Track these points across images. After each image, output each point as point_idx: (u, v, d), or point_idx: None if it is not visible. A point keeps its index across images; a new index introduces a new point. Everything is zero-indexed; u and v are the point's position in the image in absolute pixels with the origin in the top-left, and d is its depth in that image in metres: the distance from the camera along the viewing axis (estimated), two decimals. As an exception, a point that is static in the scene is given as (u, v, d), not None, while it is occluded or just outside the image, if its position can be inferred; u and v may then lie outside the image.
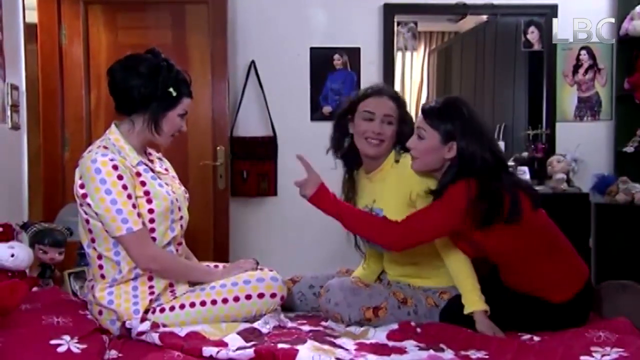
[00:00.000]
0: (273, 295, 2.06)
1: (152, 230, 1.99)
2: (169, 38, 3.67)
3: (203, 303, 2.01)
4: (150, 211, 1.98)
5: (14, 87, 2.98)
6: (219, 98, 3.67)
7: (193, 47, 3.68)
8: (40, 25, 3.55)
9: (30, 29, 3.36)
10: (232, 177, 3.77)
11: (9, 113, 2.92)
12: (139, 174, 1.99)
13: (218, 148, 3.66)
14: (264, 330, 1.95)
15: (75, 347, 1.67)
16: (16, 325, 1.74)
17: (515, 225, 1.96)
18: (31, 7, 3.44)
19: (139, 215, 1.94)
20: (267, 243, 3.86)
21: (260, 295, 2.04)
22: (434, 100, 2.12)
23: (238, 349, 1.75)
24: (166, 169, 2.20)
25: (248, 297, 2.03)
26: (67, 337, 1.70)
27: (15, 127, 3.03)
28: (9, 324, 1.74)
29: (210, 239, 3.65)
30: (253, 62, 3.86)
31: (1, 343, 1.62)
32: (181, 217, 2.11)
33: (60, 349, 1.65)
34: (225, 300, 2.01)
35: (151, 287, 2.01)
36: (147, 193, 1.98)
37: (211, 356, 1.72)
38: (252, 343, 1.81)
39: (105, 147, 1.99)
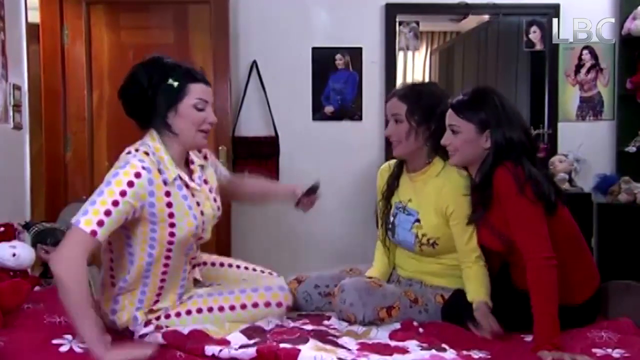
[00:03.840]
0: (279, 305, 2.04)
1: (168, 257, 1.88)
2: (171, 38, 3.67)
3: (210, 309, 1.98)
4: (171, 234, 1.84)
5: (17, 87, 2.98)
6: (221, 98, 3.67)
7: (195, 47, 3.68)
8: (42, 26, 3.56)
9: (32, 29, 3.36)
10: (234, 177, 3.77)
11: (11, 113, 2.93)
12: (168, 194, 1.82)
13: (220, 148, 3.66)
14: (267, 327, 1.95)
15: (78, 347, 1.67)
16: (19, 325, 1.74)
17: (549, 216, 1.94)
18: (33, 7, 3.44)
19: (101, 223, 1.68)
20: (269, 243, 3.86)
21: (267, 304, 2.02)
22: (461, 93, 2.09)
23: (240, 347, 1.74)
24: (206, 180, 2.04)
25: (255, 305, 2.01)
26: (69, 337, 1.70)
27: (18, 127, 3.03)
28: (12, 323, 1.74)
29: (212, 238, 3.62)
30: (255, 62, 3.86)
31: (4, 342, 1.62)
32: (200, 238, 2.00)
33: (63, 349, 1.65)
34: (232, 307, 1.99)
35: (159, 294, 1.94)
36: (171, 216, 1.83)
37: (213, 355, 1.71)
38: (255, 340, 1.81)
39: (146, 154, 1.83)
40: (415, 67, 5.15)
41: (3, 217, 2.36)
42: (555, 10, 3.96)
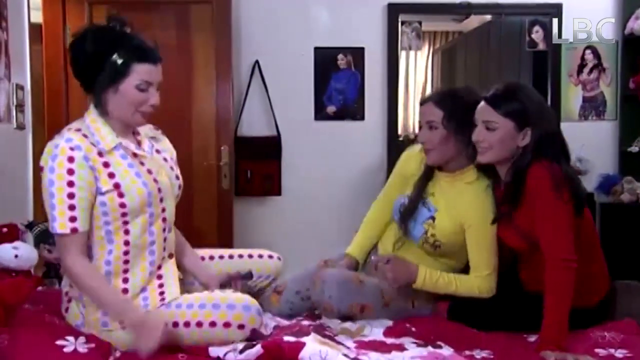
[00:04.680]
0: (241, 327, 1.80)
1: (126, 222, 1.78)
2: (173, 38, 3.67)
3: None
4: (122, 205, 1.75)
5: (19, 87, 2.99)
6: (223, 98, 3.67)
7: (197, 47, 3.68)
8: (45, 26, 3.56)
9: (35, 29, 3.37)
10: (236, 177, 3.78)
11: (14, 113, 2.94)
12: (107, 164, 1.75)
13: (222, 148, 3.66)
14: (265, 332, 1.93)
15: (82, 347, 1.67)
16: (21, 325, 1.74)
17: (576, 217, 1.90)
18: (36, 7, 3.45)
19: (73, 219, 1.70)
20: (271, 243, 3.83)
21: (226, 325, 1.79)
22: (492, 88, 1.98)
23: (244, 347, 1.73)
24: (158, 150, 1.94)
25: (212, 324, 1.78)
26: (72, 339, 1.69)
27: (21, 126, 3.04)
28: (12, 322, 1.74)
29: (214, 239, 3.65)
30: (257, 61, 3.86)
31: (7, 341, 1.63)
32: (163, 210, 1.86)
33: (67, 350, 1.65)
34: (187, 324, 1.78)
35: (125, 290, 1.80)
36: (117, 186, 1.75)
37: (218, 357, 1.71)
38: (257, 341, 1.80)
39: (78, 130, 1.77)
40: (418, 66, 5.16)
41: (6, 217, 2.36)
42: (557, 10, 3.96)
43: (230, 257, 2.20)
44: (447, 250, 2.14)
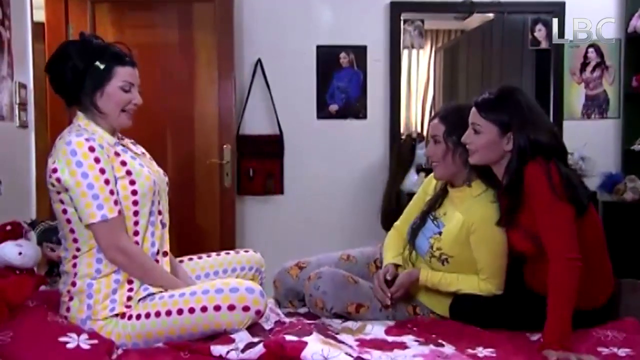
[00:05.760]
0: (245, 309, 1.81)
1: (136, 213, 1.87)
2: (175, 36, 3.68)
3: (169, 312, 1.81)
4: (134, 192, 1.86)
5: (22, 86, 2.99)
6: (225, 96, 3.67)
7: (200, 45, 3.68)
8: (47, 24, 3.57)
9: (38, 28, 3.37)
10: (238, 176, 3.78)
11: (16, 111, 2.94)
12: (117, 154, 1.89)
13: (224, 146, 3.67)
14: (267, 326, 1.95)
15: (85, 344, 1.68)
16: (24, 322, 1.74)
17: (579, 217, 1.90)
18: (39, 6, 3.45)
19: (116, 202, 1.82)
20: (273, 241, 3.86)
21: (231, 307, 1.81)
22: (486, 91, 2.05)
23: (246, 346, 1.73)
24: (143, 152, 2.07)
25: (217, 308, 1.80)
26: (74, 335, 1.70)
27: (23, 125, 3.04)
28: (18, 320, 1.74)
29: (216, 237, 3.65)
30: (259, 60, 3.86)
31: (10, 338, 1.63)
32: (159, 203, 1.95)
33: (69, 346, 1.66)
34: (191, 310, 1.80)
35: (130, 281, 1.87)
36: (129, 173, 1.87)
37: (221, 356, 1.71)
38: (259, 339, 1.80)
39: (78, 131, 1.88)
40: (420, 65, 5.13)
41: (9, 215, 2.36)
42: (560, 8, 3.95)
43: (209, 256, 2.26)
44: (456, 265, 2.14)
